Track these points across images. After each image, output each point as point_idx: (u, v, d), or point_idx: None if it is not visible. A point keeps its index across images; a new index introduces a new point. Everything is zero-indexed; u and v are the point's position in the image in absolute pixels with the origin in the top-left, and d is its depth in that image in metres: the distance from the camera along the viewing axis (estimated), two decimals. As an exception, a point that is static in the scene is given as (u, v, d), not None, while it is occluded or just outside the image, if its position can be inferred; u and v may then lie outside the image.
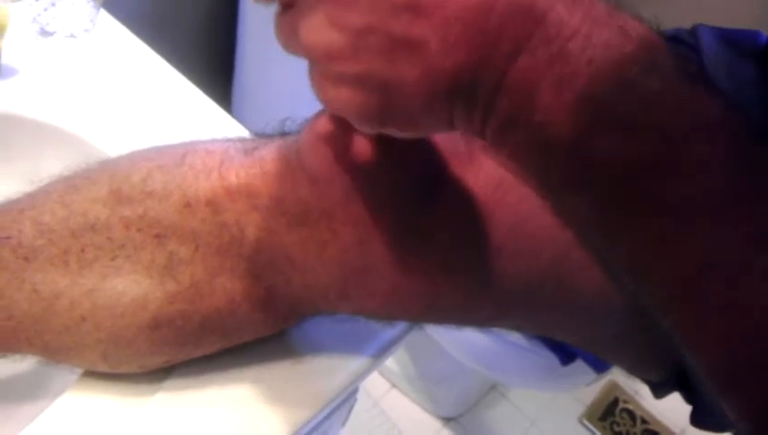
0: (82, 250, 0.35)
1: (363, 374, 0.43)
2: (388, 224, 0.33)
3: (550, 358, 0.94)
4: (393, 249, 0.33)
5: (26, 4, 0.58)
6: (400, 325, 0.46)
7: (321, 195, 0.33)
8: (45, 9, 0.58)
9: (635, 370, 0.42)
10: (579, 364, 0.94)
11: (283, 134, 0.36)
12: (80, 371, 0.39)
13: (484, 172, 0.33)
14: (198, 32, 1.08)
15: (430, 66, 0.25)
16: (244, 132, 0.54)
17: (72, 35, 0.58)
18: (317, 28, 0.26)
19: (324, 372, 0.42)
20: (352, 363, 0.43)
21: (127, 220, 0.35)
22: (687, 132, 0.23)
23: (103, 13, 0.63)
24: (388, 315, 0.36)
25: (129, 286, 0.34)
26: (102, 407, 0.39)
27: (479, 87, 0.25)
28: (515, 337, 0.98)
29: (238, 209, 0.34)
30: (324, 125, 0.33)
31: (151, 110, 0.57)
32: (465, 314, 0.36)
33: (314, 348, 0.43)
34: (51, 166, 0.42)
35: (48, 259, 0.35)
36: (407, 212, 0.33)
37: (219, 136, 0.39)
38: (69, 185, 0.36)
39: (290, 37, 0.28)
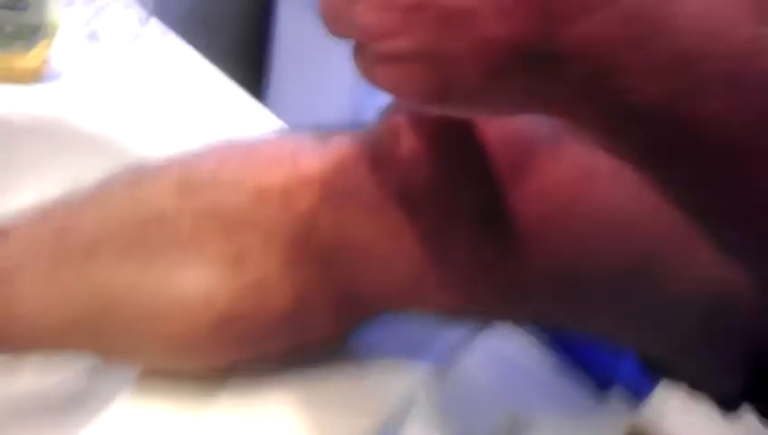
0: (149, 243, 0.33)
1: (427, 381, 0.42)
2: (469, 213, 0.31)
3: (582, 387, 0.91)
4: (472, 240, 0.31)
5: (76, 9, 0.57)
6: (459, 331, 0.44)
7: (401, 183, 0.32)
8: (95, 14, 0.57)
9: (705, 378, 0.40)
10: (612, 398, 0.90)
11: (357, 126, 0.35)
12: (131, 377, 0.38)
13: (569, 160, 0.31)
14: (234, 36, 1.10)
15: (483, 36, 0.23)
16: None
17: (122, 41, 0.58)
18: (371, 9, 0.25)
19: (386, 379, 0.40)
20: (414, 370, 0.41)
21: (196, 211, 0.33)
22: None
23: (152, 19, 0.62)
24: (462, 311, 0.34)
25: (197, 280, 0.33)
26: (157, 416, 0.37)
27: (542, 56, 0.22)
28: (541, 366, 0.95)
29: (312, 198, 0.33)
30: (406, 110, 0.32)
31: (198, 115, 0.56)
32: (543, 311, 0.34)
33: (374, 354, 0.41)
34: (92, 173, 0.41)
35: (112, 252, 0.33)
36: (489, 202, 0.31)
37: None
38: (134, 177, 0.35)
39: (338, 19, 0.27)
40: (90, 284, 0.33)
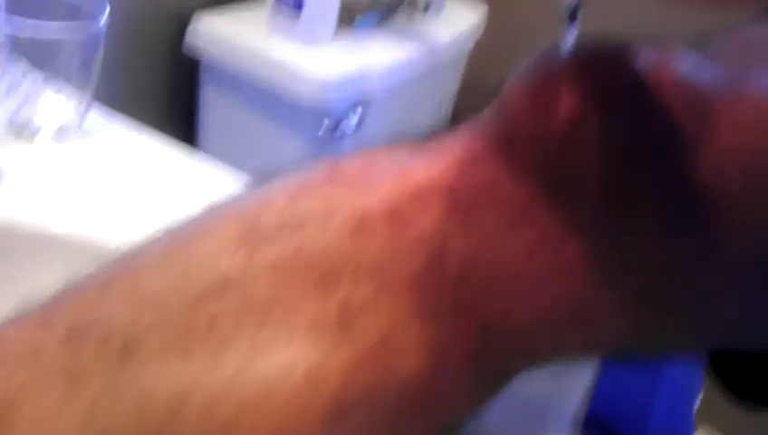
0: (212, 323, 0.23)
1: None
2: (653, 191, 0.23)
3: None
4: (659, 226, 0.23)
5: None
6: (573, 402, 0.36)
7: (555, 168, 0.23)
8: (23, 105, 0.47)
9: None
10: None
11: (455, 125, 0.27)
12: None
13: (755, 101, 0.24)
14: (166, 108, 1.14)
15: None
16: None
17: (59, 134, 0.48)
18: None
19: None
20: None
21: (274, 265, 0.23)
22: None
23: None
24: (636, 337, 0.26)
25: (292, 361, 0.23)
26: None
27: None
28: None
29: (435, 215, 0.24)
30: (545, 69, 0.24)
31: (162, 191, 0.47)
32: (743, 311, 0.26)
33: None
34: (57, 276, 0.32)
35: (159, 348, 0.23)
36: (675, 171, 0.24)
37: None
38: (174, 238, 0.25)
39: None
40: (131, 399, 0.23)
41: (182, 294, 0.23)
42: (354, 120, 1.00)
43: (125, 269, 0.24)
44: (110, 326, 0.23)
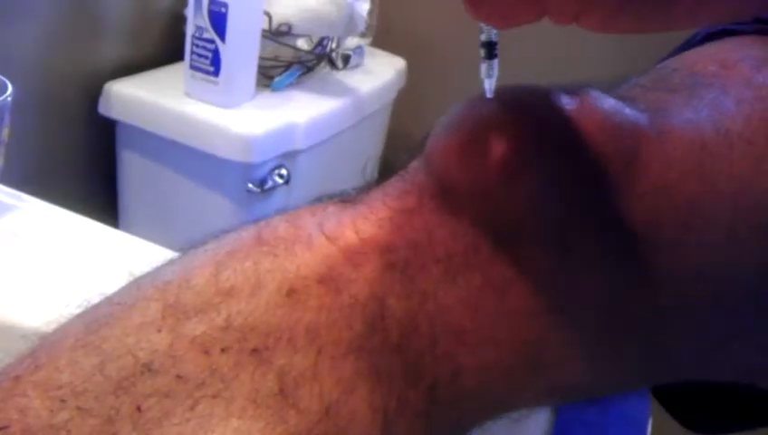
0: (139, 408, 0.21)
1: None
2: (590, 232, 0.23)
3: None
4: (598, 267, 0.23)
5: None
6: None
7: (491, 217, 0.23)
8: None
9: None
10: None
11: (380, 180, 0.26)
12: None
13: (678, 136, 0.25)
14: (83, 182, 1.11)
15: None
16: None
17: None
18: None
19: None
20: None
21: (202, 341, 0.22)
22: None
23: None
24: (583, 381, 0.26)
25: (231, 441, 0.21)
26: None
27: None
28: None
29: (370, 276, 0.23)
30: (478, 112, 0.24)
31: (77, 266, 0.44)
32: (677, 343, 0.26)
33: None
34: None
35: None
36: (607, 211, 0.24)
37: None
38: (92, 320, 0.23)
39: None
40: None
41: (102, 382, 0.22)
42: (282, 175, 1.00)
43: (39, 359, 0.23)
44: (26, 424, 0.21)
